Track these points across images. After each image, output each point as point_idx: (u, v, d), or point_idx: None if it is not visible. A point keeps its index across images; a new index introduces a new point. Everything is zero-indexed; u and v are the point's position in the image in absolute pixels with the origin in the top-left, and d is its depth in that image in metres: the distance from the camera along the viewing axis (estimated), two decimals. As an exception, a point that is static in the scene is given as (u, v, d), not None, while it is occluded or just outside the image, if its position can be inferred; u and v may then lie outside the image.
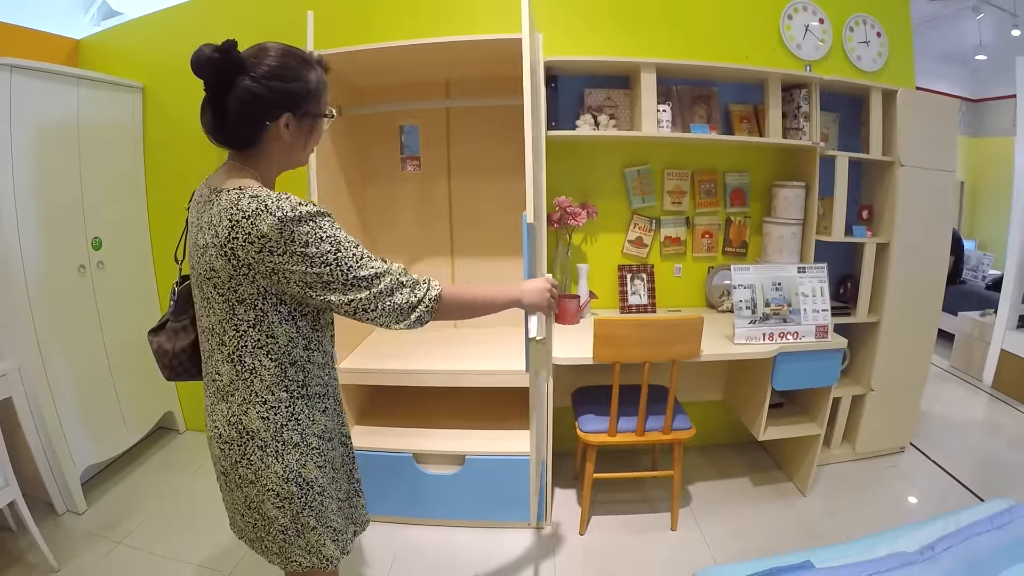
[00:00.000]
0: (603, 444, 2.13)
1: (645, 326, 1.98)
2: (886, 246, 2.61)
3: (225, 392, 1.12)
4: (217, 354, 1.12)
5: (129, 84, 2.74)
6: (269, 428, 1.11)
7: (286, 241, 1.00)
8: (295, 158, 1.17)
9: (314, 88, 1.10)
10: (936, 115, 2.68)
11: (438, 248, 2.66)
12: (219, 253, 1.02)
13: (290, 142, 1.12)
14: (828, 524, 2.34)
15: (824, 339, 2.28)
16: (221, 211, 1.02)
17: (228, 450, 1.14)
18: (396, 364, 2.25)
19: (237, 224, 1.00)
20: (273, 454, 1.12)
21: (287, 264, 1.02)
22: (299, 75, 1.08)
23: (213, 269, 1.04)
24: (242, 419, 1.11)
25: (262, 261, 1.01)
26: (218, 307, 1.08)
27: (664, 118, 2.34)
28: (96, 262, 2.56)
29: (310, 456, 1.17)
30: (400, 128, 2.54)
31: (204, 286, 1.09)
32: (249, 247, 1.00)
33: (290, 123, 1.09)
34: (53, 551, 2.10)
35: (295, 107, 1.08)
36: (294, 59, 1.09)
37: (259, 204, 1.00)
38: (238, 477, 1.14)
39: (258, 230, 0.99)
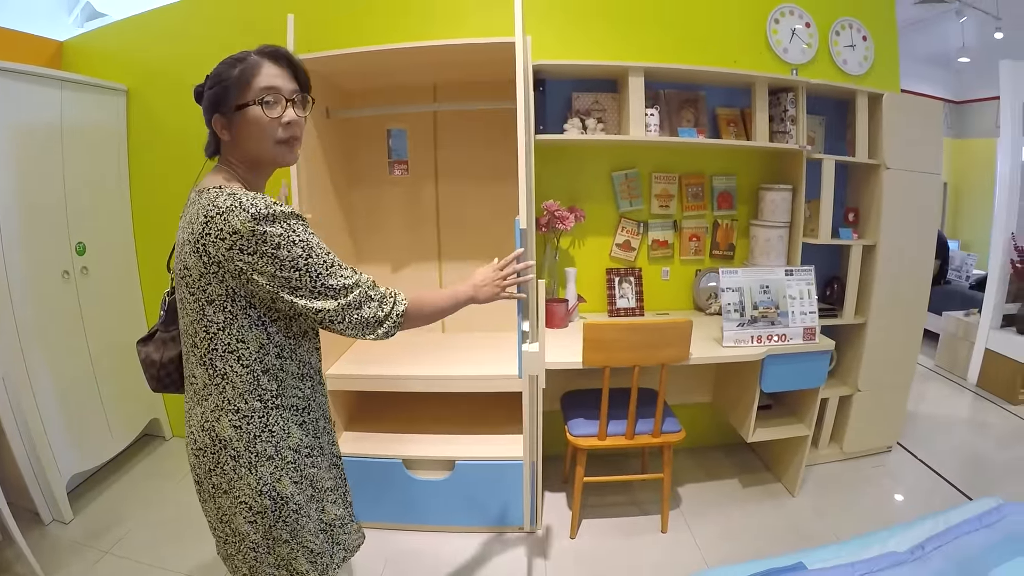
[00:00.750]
0: (593, 448, 2.13)
1: (634, 330, 1.98)
2: (872, 248, 2.63)
3: (200, 396, 1.11)
4: (191, 356, 1.11)
5: (113, 87, 2.71)
6: (242, 438, 1.09)
7: (257, 240, 1.00)
8: (255, 153, 1.12)
9: (233, 82, 1.08)
10: (921, 118, 2.70)
11: (425, 252, 2.65)
12: (192, 249, 1.02)
13: (232, 141, 1.12)
14: (817, 524, 2.35)
15: (812, 341, 2.29)
16: (200, 209, 1.02)
17: (202, 457, 1.12)
18: (384, 370, 2.24)
19: (211, 220, 1.00)
20: (246, 465, 1.09)
21: (256, 264, 1.01)
22: (223, 76, 1.09)
23: (186, 267, 1.04)
24: (215, 426, 1.09)
25: (231, 259, 1.00)
26: (190, 307, 1.07)
27: (652, 122, 2.35)
28: (80, 267, 2.52)
29: (285, 471, 1.14)
30: (388, 132, 2.52)
31: (179, 285, 1.09)
32: (220, 243, 1.00)
33: (224, 124, 1.11)
34: (40, 561, 2.07)
35: (219, 107, 1.10)
36: (223, 65, 1.11)
37: (234, 201, 1.00)
38: (211, 486, 1.13)
39: (230, 226, 0.99)
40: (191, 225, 1.04)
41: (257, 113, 1.08)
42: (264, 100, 1.08)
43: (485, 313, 2.65)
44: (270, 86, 1.09)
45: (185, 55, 2.66)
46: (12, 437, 2.22)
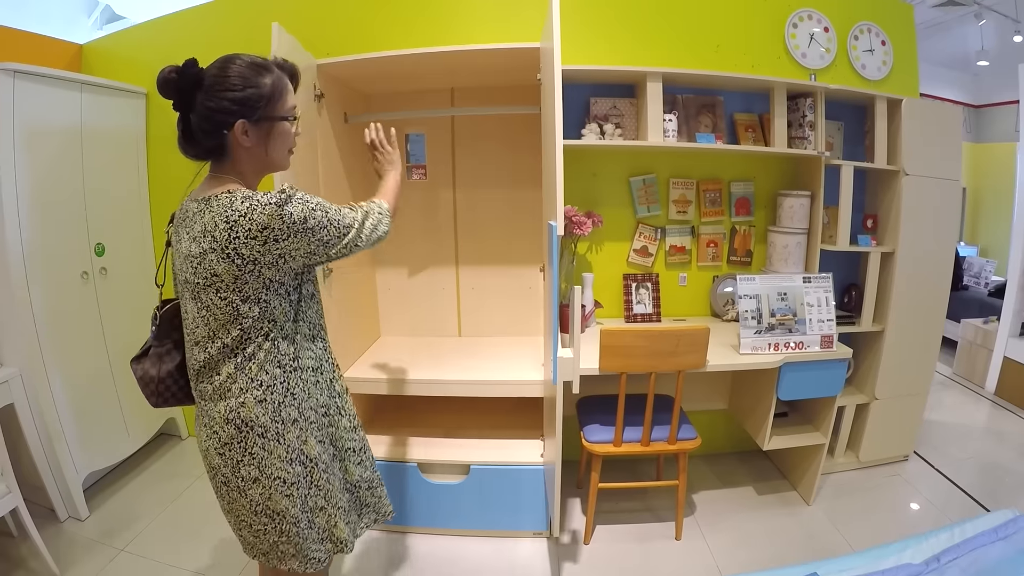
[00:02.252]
0: (608, 454, 2.14)
1: (651, 336, 1.99)
2: (891, 255, 2.62)
3: (223, 389, 1.16)
4: (218, 356, 1.15)
5: (132, 89, 2.74)
6: (267, 410, 1.16)
7: (286, 224, 1.08)
8: (267, 162, 1.22)
9: (267, 92, 1.15)
10: (940, 124, 2.68)
11: (442, 257, 2.67)
12: (220, 257, 1.07)
13: (252, 147, 1.16)
14: (832, 533, 2.34)
15: (829, 349, 2.29)
16: (215, 216, 1.07)
17: (228, 452, 1.17)
18: (403, 373, 2.25)
19: (235, 224, 1.06)
20: (274, 437, 1.17)
21: (292, 244, 1.10)
22: (251, 82, 1.13)
23: (215, 275, 1.09)
24: (240, 411, 1.15)
25: (268, 251, 1.08)
26: (220, 311, 1.12)
27: (670, 127, 2.35)
28: (99, 268, 2.56)
29: (310, 432, 1.22)
30: (406, 137, 2.54)
31: (205, 295, 1.12)
32: (252, 242, 1.07)
33: (248, 129, 1.14)
34: (55, 558, 2.11)
35: (248, 113, 1.13)
36: (248, 67, 1.15)
37: (252, 201, 1.07)
38: (241, 480, 1.18)
39: (258, 224, 1.06)
40: (210, 234, 1.08)
41: (286, 127, 1.19)
42: (294, 117, 1.20)
43: (501, 318, 2.72)
44: (294, 104, 1.21)
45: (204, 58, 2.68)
46: (29, 434, 2.27)
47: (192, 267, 1.12)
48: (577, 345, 1.62)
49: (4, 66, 2.12)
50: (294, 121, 1.22)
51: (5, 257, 2.16)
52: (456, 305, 2.72)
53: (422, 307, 2.71)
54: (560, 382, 1.65)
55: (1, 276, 2.20)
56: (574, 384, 1.65)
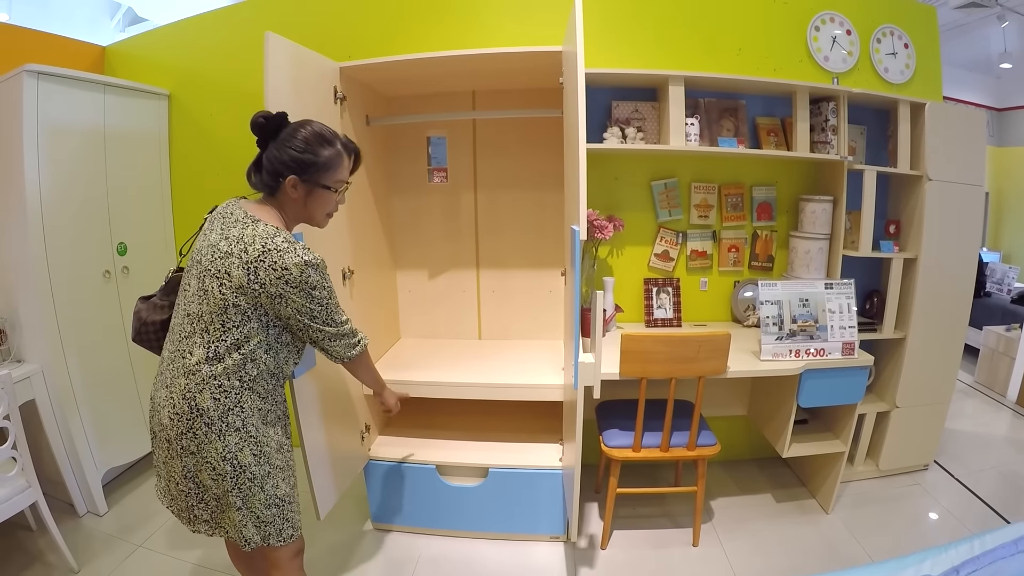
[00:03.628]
0: (627, 459, 2.14)
1: (672, 342, 1.99)
2: (913, 261, 2.60)
3: (190, 371, 1.32)
4: (196, 337, 1.33)
5: (155, 91, 2.78)
6: (218, 408, 1.32)
7: (301, 280, 1.31)
8: (305, 216, 1.45)
9: (322, 162, 1.38)
10: (964, 128, 2.66)
11: (463, 260, 2.68)
12: (241, 264, 1.28)
13: (297, 200, 1.40)
14: (851, 543, 2.33)
15: (851, 356, 2.27)
16: (256, 236, 1.30)
17: (177, 421, 1.32)
18: (423, 375, 2.27)
19: (268, 252, 1.28)
20: (217, 432, 1.32)
21: (293, 294, 1.32)
22: (311, 149, 1.37)
23: (228, 274, 1.29)
24: (196, 396, 1.31)
25: (276, 286, 1.30)
26: (215, 301, 1.31)
27: (692, 132, 2.35)
28: (121, 267, 2.59)
29: (247, 443, 1.36)
30: (427, 139, 2.56)
31: (210, 281, 1.31)
32: (271, 272, 1.29)
33: (296, 185, 1.37)
34: (73, 552, 2.14)
35: (301, 172, 1.37)
36: (315, 136, 1.38)
37: (290, 245, 1.30)
38: (180, 448, 1.33)
39: (284, 264, 1.29)
40: (244, 244, 1.29)
41: (328, 195, 1.43)
42: (338, 189, 1.44)
43: (521, 321, 2.73)
44: (345, 180, 1.46)
45: (225, 60, 2.72)
46: (50, 430, 2.30)
47: (212, 256, 1.32)
48: (599, 350, 1.62)
49: (28, 68, 2.15)
50: (338, 192, 1.44)
51: (27, 255, 2.20)
52: (476, 308, 2.73)
53: (442, 309, 2.72)
54: (581, 387, 1.65)
55: (23, 274, 2.24)
56: (595, 389, 1.65)
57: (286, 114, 1.40)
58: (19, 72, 2.16)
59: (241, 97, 2.71)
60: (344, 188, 1.47)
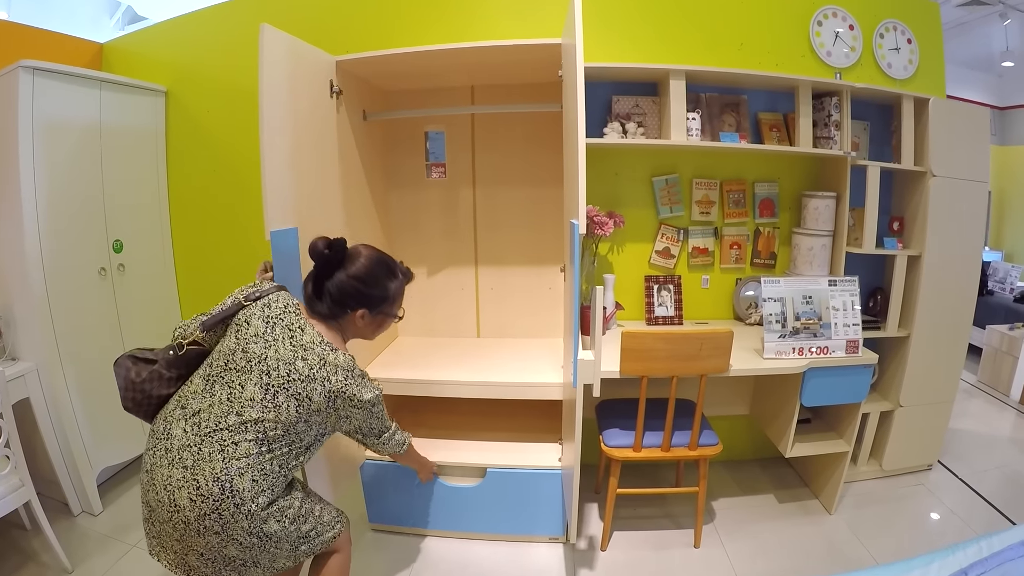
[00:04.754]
0: (628, 459, 2.08)
1: (673, 339, 1.92)
2: (917, 259, 2.54)
3: (230, 455, 1.27)
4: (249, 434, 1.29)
5: (152, 87, 2.73)
6: (253, 489, 1.28)
7: (368, 407, 1.43)
8: (364, 335, 1.53)
9: (390, 296, 1.50)
10: (968, 124, 2.60)
11: (462, 257, 2.61)
12: (324, 392, 1.34)
13: (362, 328, 1.49)
14: (854, 544, 2.27)
15: (855, 354, 2.21)
16: (339, 368, 1.36)
17: (201, 502, 1.24)
18: (421, 374, 2.20)
19: (349, 386, 1.37)
20: (245, 513, 1.27)
21: (357, 415, 1.43)
22: (381, 283, 1.47)
23: (310, 399, 1.33)
24: (235, 479, 1.26)
25: (346, 409, 1.39)
26: (288, 417, 1.31)
27: (693, 126, 2.29)
28: (117, 265, 2.55)
29: (272, 515, 1.33)
30: (425, 134, 2.50)
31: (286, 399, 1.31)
32: (348, 402, 1.38)
33: (365, 316, 1.46)
34: (67, 552, 2.09)
35: (371, 307, 1.46)
36: (381, 268, 1.48)
37: (363, 380, 1.41)
38: (203, 528, 1.25)
39: (361, 397, 1.39)
40: (325, 371, 1.34)
41: (391, 321, 1.55)
42: (400, 317, 1.56)
43: (520, 319, 2.66)
44: (402, 305, 1.56)
45: (223, 56, 2.67)
46: (45, 429, 2.26)
47: (288, 375, 1.32)
48: (598, 348, 1.56)
49: (24, 63, 2.11)
50: (399, 319, 1.57)
51: (23, 252, 2.15)
52: (475, 305, 2.66)
53: (440, 307, 2.66)
54: (580, 385, 1.59)
55: (18, 271, 2.19)
56: (594, 387, 1.59)
57: (344, 240, 1.43)
58: (15, 68, 2.11)
59: (239, 94, 2.66)
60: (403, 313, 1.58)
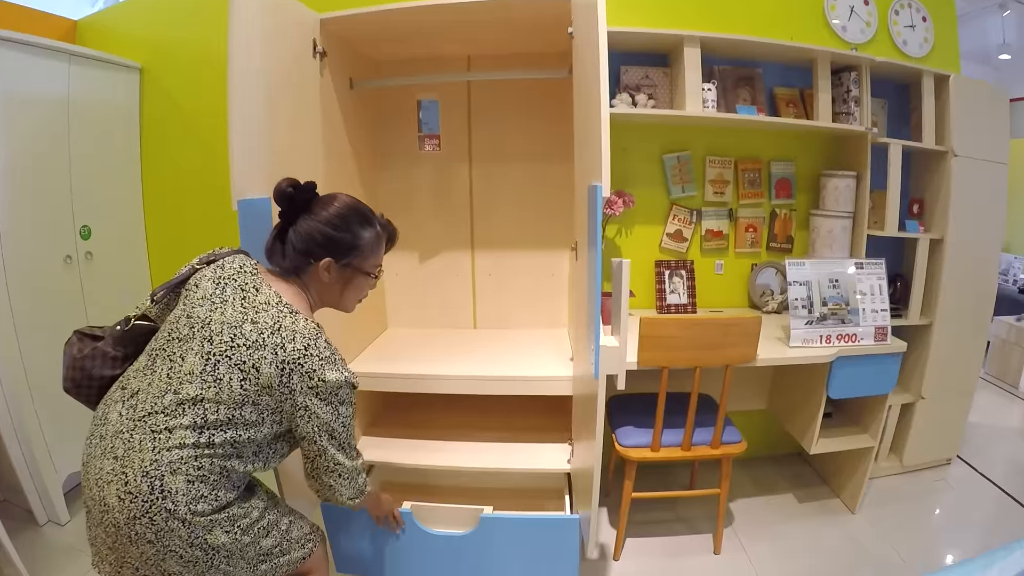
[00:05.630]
0: (645, 460, 1.80)
1: (696, 326, 1.66)
2: (939, 242, 2.32)
3: (164, 446, 1.01)
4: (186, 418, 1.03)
5: (126, 63, 2.43)
6: (188, 493, 1.01)
7: (333, 395, 1.10)
8: (335, 301, 1.24)
9: (362, 245, 1.18)
10: (989, 103, 2.39)
11: (457, 239, 2.29)
12: (275, 362, 1.04)
13: (328, 284, 1.19)
14: (880, 544, 2.04)
15: (883, 342, 1.97)
16: (297, 333, 1.06)
17: (130, 502, 0.99)
18: (413, 369, 1.89)
19: (309, 357, 1.06)
20: (180, 519, 1.01)
21: (320, 408, 1.09)
22: (352, 229, 1.17)
23: (257, 370, 1.05)
24: (166, 476, 1.00)
25: (305, 395, 1.07)
26: (231, 395, 1.04)
27: (709, 97, 2.03)
28: (84, 252, 2.25)
29: (218, 524, 1.06)
30: (418, 103, 2.18)
31: (228, 371, 1.04)
32: (306, 380, 1.06)
33: (331, 268, 1.16)
34: (32, 564, 1.83)
35: (337, 255, 1.16)
36: (354, 214, 1.19)
37: (332, 355, 1.10)
38: (134, 534, 1.01)
39: (323, 375, 1.07)
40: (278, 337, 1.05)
41: (366, 281, 1.24)
42: (376, 275, 1.24)
43: (521, 307, 2.31)
44: (381, 262, 1.26)
45: (201, 30, 2.38)
46: (6, 432, 1.97)
47: (233, 341, 1.05)
48: (624, 332, 1.29)
49: (-16, 31, 1.82)
50: (374, 277, 1.25)
51: (-23, 237, 1.86)
52: (471, 293, 2.34)
53: (433, 295, 2.34)
54: (602, 376, 1.31)
55: (-29, 258, 1.89)
56: (619, 378, 1.32)
57: (315, 184, 1.18)
58: (-29, 35, 1.82)
59: (218, 71, 2.30)
60: (379, 272, 1.26)
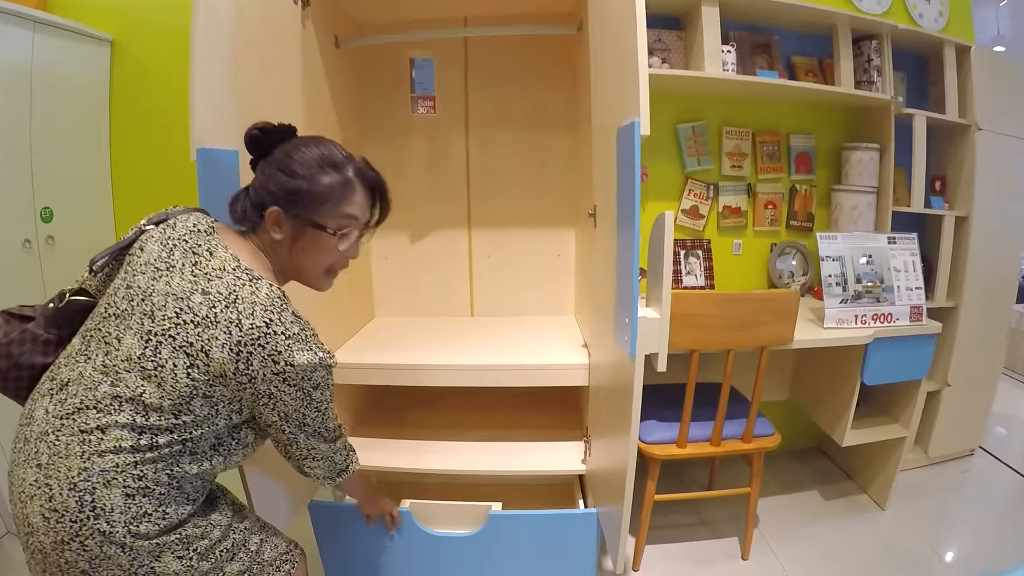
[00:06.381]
0: (671, 457, 1.54)
1: (730, 302, 1.41)
2: (964, 220, 2.11)
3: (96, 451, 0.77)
4: (122, 415, 0.78)
5: (95, 34, 2.15)
6: (127, 512, 0.78)
7: (304, 379, 0.86)
8: (296, 269, 0.95)
9: (318, 192, 0.90)
10: (1009, 76, 2.20)
11: (453, 218, 1.99)
12: (230, 344, 0.81)
13: (280, 242, 0.92)
14: (917, 541, 1.81)
15: (919, 322, 1.75)
16: (257, 306, 0.82)
17: (56, 522, 0.76)
18: (405, 358, 1.60)
19: (274, 336, 0.82)
20: (118, 543, 0.78)
21: (288, 396, 0.87)
22: (307, 174, 0.90)
23: (206, 354, 0.80)
24: (97, 490, 0.76)
25: (271, 381, 0.84)
26: (175, 386, 0.80)
27: (729, 59, 1.80)
28: (45, 236, 1.97)
29: (167, 549, 0.82)
30: (411, 61, 1.89)
31: (171, 355, 0.80)
32: (269, 364, 0.83)
33: (280, 220, 0.90)
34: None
35: (287, 204, 0.90)
36: (315, 157, 0.91)
37: (301, 331, 0.85)
38: (64, 562, 0.77)
39: (291, 358, 0.83)
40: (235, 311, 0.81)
41: (327, 241, 0.92)
42: (342, 232, 0.92)
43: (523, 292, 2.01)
44: (353, 215, 0.93)
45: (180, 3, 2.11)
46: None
47: (177, 316, 0.81)
48: (666, 302, 1.02)
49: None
50: (338, 236, 0.92)
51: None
52: (468, 277, 2.05)
53: (425, 280, 2.04)
54: (640, 356, 1.04)
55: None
56: (659, 358, 1.05)
57: (294, 128, 0.95)
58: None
59: None
60: (353, 232, 0.94)
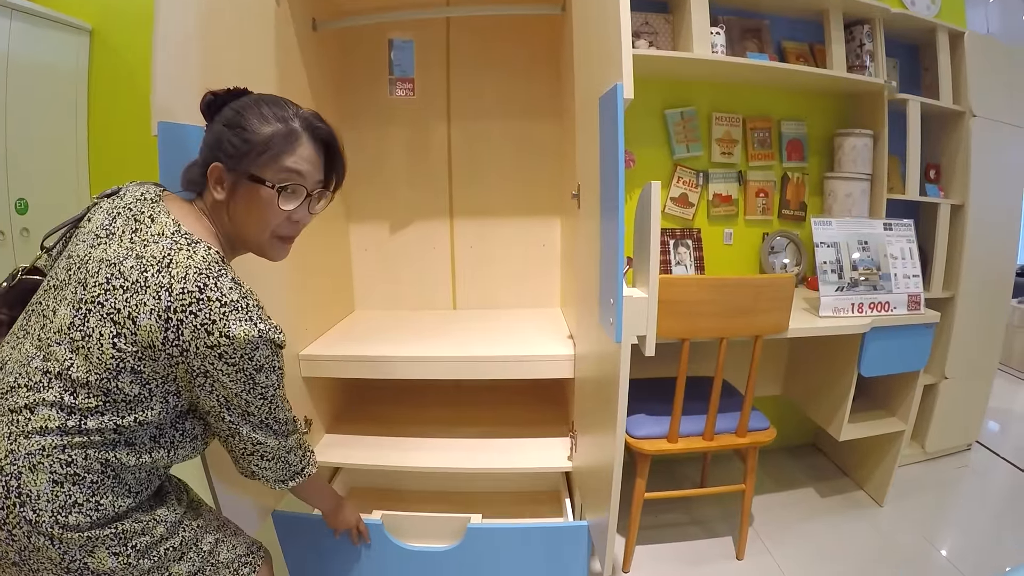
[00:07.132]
0: (661, 453, 1.41)
1: (726, 287, 1.28)
2: (960, 208, 1.99)
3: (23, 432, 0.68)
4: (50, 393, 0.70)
5: (75, 24, 2.04)
6: (56, 498, 0.69)
7: (245, 357, 0.74)
8: (242, 234, 0.82)
9: (257, 142, 0.77)
10: (1005, 62, 2.07)
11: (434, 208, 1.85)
12: (157, 310, 0.70)
13: (222, 203, 0.80)
14: (917, 538, 1.69)
15: (917, 311, 1.63)
16: (191, 269, 0.71)
17: None
18: (384, 350, 1.46)
19: (208, 302, 0.71)
20: (46, 534, 0.68)
21: (227, 375, 0.74)
22: (245, 122, 0.78)
23: (133, 320, 0.70)
24: (24, 475, 0.68)
25: (204, 357, 0.72)
26: (101, 357, 0.70)
27: (718, 41, 1.67)
28: (20, 229, 1.86)
29: (101, 543, 0.72)
30: (390, 42, 1.75)
31: (98, 323, 0.70)
32: (202, 335, 0.71)
33: (222, 178, 0.79)
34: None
35: (227, 158, 0.78)
36: (258, 107, 0.80)
37: (241, 299, 0.73)
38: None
39: (226, 328, 0.71)
40: (166, 276, 0.70)
41: (268, 196, 0.79)
42: (283, 187, 0.79)
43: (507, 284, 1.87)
44: (297, 169, 0.80)
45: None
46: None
47: (107, 282, 0.71)
48: (654, 281, 0.89)
49: None
50: (280, 193, 0.79)
51: None
52: (450, 269, 1.90)
53: (406, 271, 1.90)
54: (627, 340, 0.91)
55: None
56: (647, 342, 0.92)
57: (247, 90, 0.85)
58: None
59: None
60: (299, 190, 0.80)
